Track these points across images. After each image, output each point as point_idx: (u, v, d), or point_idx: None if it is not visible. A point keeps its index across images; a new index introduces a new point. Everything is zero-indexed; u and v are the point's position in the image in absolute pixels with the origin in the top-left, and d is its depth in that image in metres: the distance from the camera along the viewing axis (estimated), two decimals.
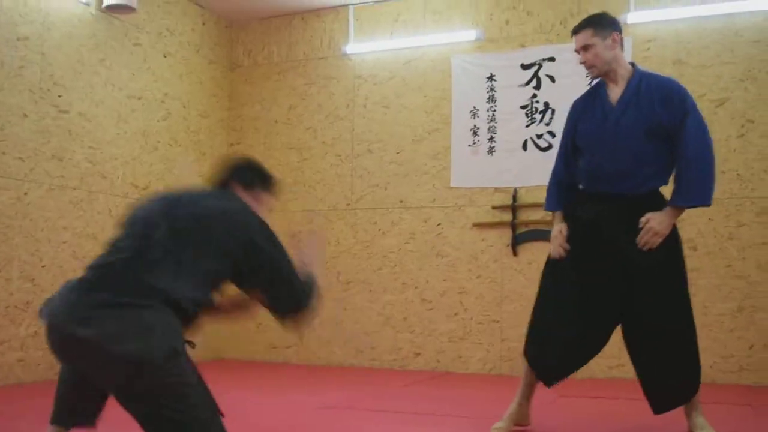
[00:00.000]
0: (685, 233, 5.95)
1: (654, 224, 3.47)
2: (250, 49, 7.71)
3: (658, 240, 3.47)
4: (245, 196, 2.83)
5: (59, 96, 5.76)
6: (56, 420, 2.61)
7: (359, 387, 5.47)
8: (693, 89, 6.02)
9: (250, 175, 2.90)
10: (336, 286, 7.05)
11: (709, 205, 3.62)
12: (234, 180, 2.86)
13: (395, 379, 5.97)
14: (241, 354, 7.38)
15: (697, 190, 3.49)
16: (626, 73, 3.61)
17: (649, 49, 6.22)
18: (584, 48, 3.58)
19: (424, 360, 6.68)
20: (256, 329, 7.31)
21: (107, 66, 6.22)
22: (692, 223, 5.96)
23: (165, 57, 6.86)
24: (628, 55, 6.21)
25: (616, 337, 6.18)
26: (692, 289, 5.88)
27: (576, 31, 3.63)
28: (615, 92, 3.62)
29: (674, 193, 3.53)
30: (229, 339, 7.44)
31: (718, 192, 5.82)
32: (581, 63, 3.64)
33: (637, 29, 6.27)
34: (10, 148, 5.34)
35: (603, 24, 3.57)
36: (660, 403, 3.73)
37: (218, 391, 5.12)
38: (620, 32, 3.62)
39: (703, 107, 5.98)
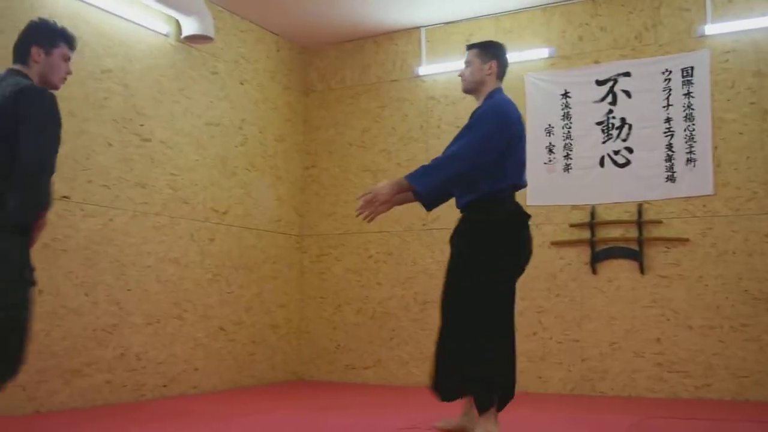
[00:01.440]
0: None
1: (377, 186, 3.76)
2: (323, 73, 7.83)
3: (373, 200, 3.69)
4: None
5: (141, 125, 5.94)
6: None
7: (439, 408, 5.44)
8: None
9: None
10: (413, 306, 7.05)
11: (419, 193, 3.75)
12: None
13: None
14: (320, 375, 7.44)
15: (423, 174, 3.73)
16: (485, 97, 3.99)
17: (727, 60, 6.08)
18: (466, 63, 4.03)
19: None
20: (335, 350, 7.36)
21: (187, 95, 6.39)
22: None
23: (242, 84, 7.01)
24: (706, 69, 6.10)
25: (701, 357, 6.05)
26: None
27: (467, 47, 4.10)
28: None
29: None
30: (307, 360, 7.51)
31: None
32: (459, 75, 4.10)
33: (715, 41, 6.14)
34: (96, 177, 5.53)
35: (487, 50, 4.02)
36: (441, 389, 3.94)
37: (298, 412, 5.18)
38: (501, 64, 4.01)
39: None
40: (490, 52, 4.00)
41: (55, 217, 5.22)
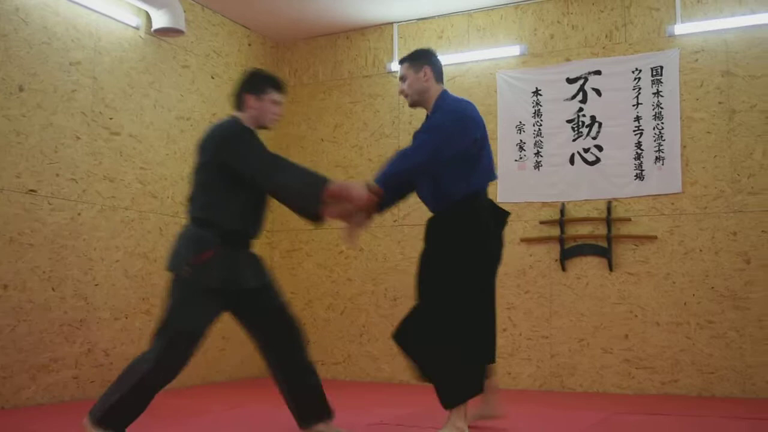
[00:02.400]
0: (738, 246, 5.88)
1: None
2: (295, 68, 7.80)
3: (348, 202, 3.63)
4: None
5: (110, 118, 5.88)
6: None
7: (408, 404, 5.45)
8: (743, 100, 5.97)
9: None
10: (383, 302, 7.06)
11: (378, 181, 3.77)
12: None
13: None
14: None
15: (383, 173, 3.79)
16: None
17: (697, 60, 6.15)
18: (401, 78, 4.03)
19: None
20: None
21: (157, 88, 6.34)
22: (746, 236, 5.87)
23: (213, 78, 6.97)
24: (675, 69, 6.16)
25: (669, 353, 6.12)
26: (746, 303, 5.82)
27: (399, 62, 4.08)
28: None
29: None
30: None
31: None
32: (399, 92, 4.08)
33: (684, 41, 6.20)
34: (64, 170, 5.46)
35: (416, 59, 3.98)
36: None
37: (268, 407, 5.17)
38: (434, 67, 3.97)
39: (754, 118, 5.93)
40: (420, 59, 3.99)
41: (22, 210, 5.16)
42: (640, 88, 6.30)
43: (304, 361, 3.77)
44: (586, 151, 6.45)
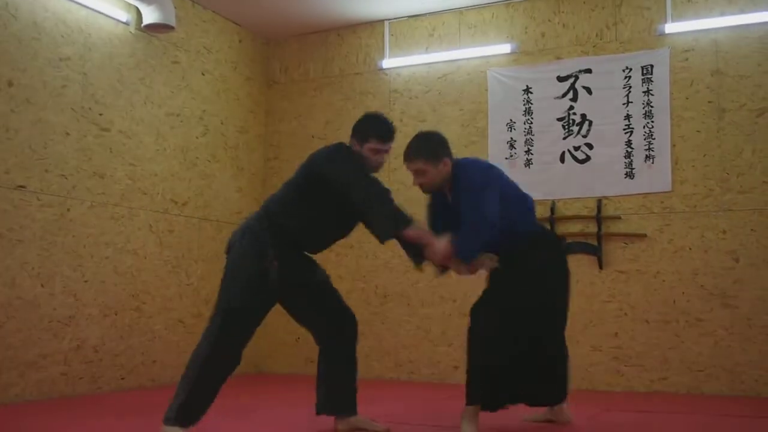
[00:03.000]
0: (727, 244, 5.90)
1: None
2: (286, 65, 7.78)
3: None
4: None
5: (100, 114, 5.86)
6: None
7: (398, 401, 5.46)
8: (732, 99, 6.00)
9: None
10: (374, 299, 7.05)
11: (464, 260, 3.85)
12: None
13: (434, 393, 5.94)
14: (280, 367, 7.41)
15: (457, 247, 3.75)
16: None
17: (687, 59, 6.16)
18: (417, 172, 3.91)
19: (463, 374, 6.62)
20: (294, 343, 7.33)
21: (147, 84, 6.32)
22: (735, 235, 5.89)
23: (203, 74, 6.95)
24: (665, 68, 6.18)
25: (658, 351, 6.13)
26: (735, 301, 5.84)
27: (408, 159, 3.95)
28: (449, 195, 4.03)
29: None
30: (267, 353, 7.47)
31: (759, 202, 5.78)
32: (414, 184, 3.99)
33: (674, 40, 6.22)
34: (53, 166, 5.44)
35: (434, 154, 3.89)
36: None
37: (257, 404, 5.15)
38: (450, 154, 3.95)
39: (744, 117, 5.95)
40: (439, 153, 3.92)
41: (11, 206, 5.13)
42: (630, 87, 6.31)
43: (345, 356, 4.11)
44: (577, 149, 6.46)
